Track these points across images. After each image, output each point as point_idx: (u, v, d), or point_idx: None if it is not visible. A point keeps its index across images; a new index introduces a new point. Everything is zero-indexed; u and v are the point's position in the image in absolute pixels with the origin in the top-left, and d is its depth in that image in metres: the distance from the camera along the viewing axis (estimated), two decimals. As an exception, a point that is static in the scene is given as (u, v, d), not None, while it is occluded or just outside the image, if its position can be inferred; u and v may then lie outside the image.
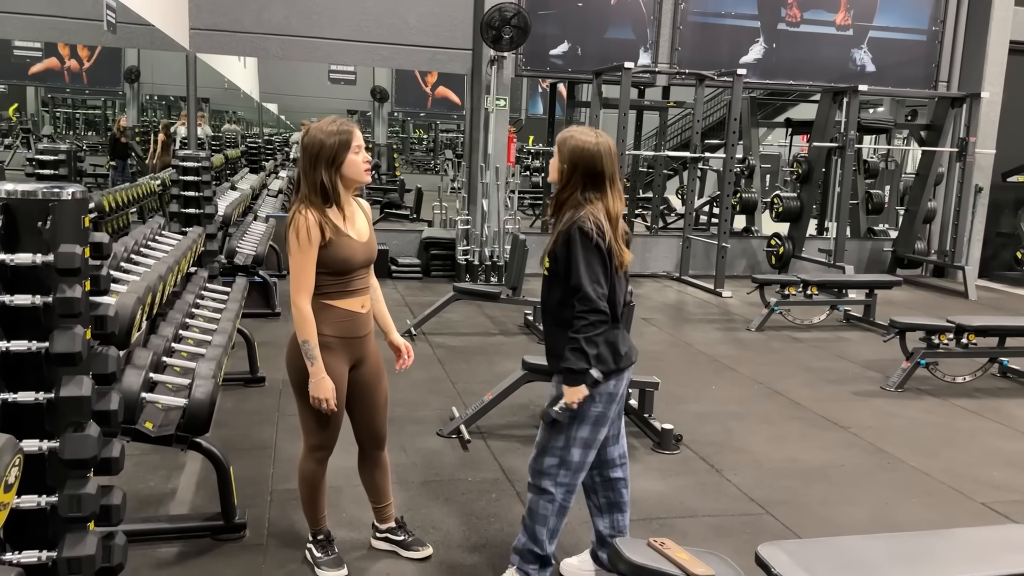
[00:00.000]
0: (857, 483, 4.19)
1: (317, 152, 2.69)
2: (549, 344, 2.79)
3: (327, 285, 2.76)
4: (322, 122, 2.74)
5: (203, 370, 3.27)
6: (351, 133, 2.73)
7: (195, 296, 4.55)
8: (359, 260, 2.80)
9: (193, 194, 5.64)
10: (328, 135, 2.69)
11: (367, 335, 2.91)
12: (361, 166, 2.77)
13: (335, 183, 2.72)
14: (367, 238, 2.86)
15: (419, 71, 16.62)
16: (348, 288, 2.80)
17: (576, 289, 2.62)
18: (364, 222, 2.89)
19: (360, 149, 2.75)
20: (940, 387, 5.86)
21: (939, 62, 10.73)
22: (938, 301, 9.40)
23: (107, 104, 15.68)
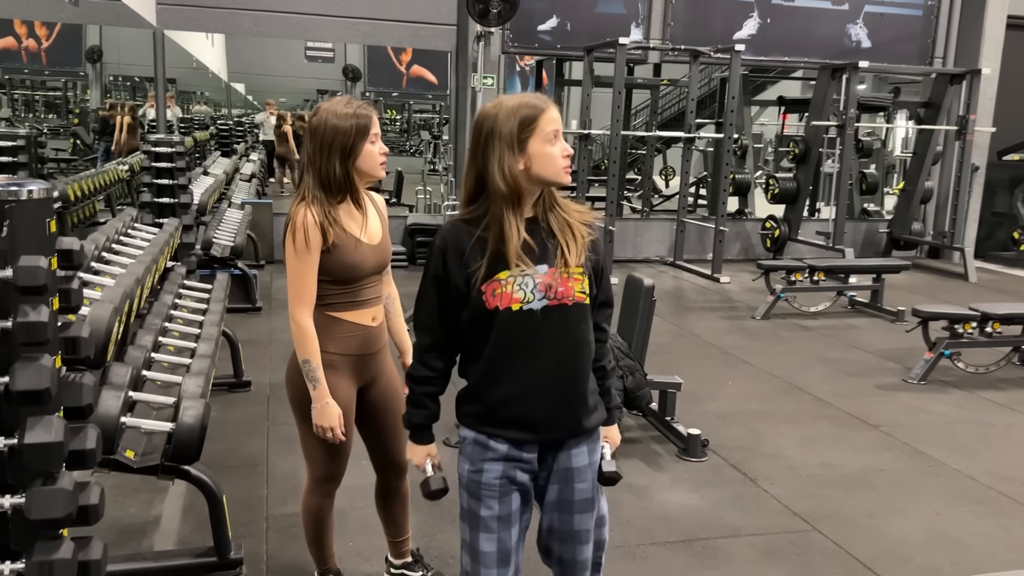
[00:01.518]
0: (902, 490, 3.88)
1: (331, 140, 2.28)
2: (579, 389, 1.99)
3: (331, 295, 2.37)
4: (335, 103, 2.32)
5: (190, 388, 2.86)
6: (369, 119, 2.32)
7: (173, 296, 4.12)
8: (369, 266, 2.40)
9: (167, 182, 5.17)
10: (343, 119, 2.28)
11: (379, 351, 2.52)
12: (378, 158, 2.36)
13: (350, 177, 2.32)
14: (379, 240, 2.45)
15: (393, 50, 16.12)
16: (357, 299, 2.41)
17: (609, 302, 2.09)
18: (377, 222, 2.48)
19: (377, 138, 2.35)
20: (963, 378, 5.59)
21: (935, 38, 10.46)
22: (939, 284, 9.16)
23: (67, 85, 14.98)
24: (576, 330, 1.94)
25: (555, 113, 1.90)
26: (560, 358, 1.94)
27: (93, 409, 2.07)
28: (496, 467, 1.95)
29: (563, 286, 1.90)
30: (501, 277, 1.88)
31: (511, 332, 1.89)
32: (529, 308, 1.88)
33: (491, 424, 1.95)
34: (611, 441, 2.10)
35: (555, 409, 1.96)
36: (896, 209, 10.64)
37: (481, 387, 1.95)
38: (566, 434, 1.99)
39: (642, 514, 3.50)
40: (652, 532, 3.36)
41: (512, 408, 1.93)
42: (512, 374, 1.92)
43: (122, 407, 2.63)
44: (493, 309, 1.88)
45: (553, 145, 1.88)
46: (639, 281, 4.25)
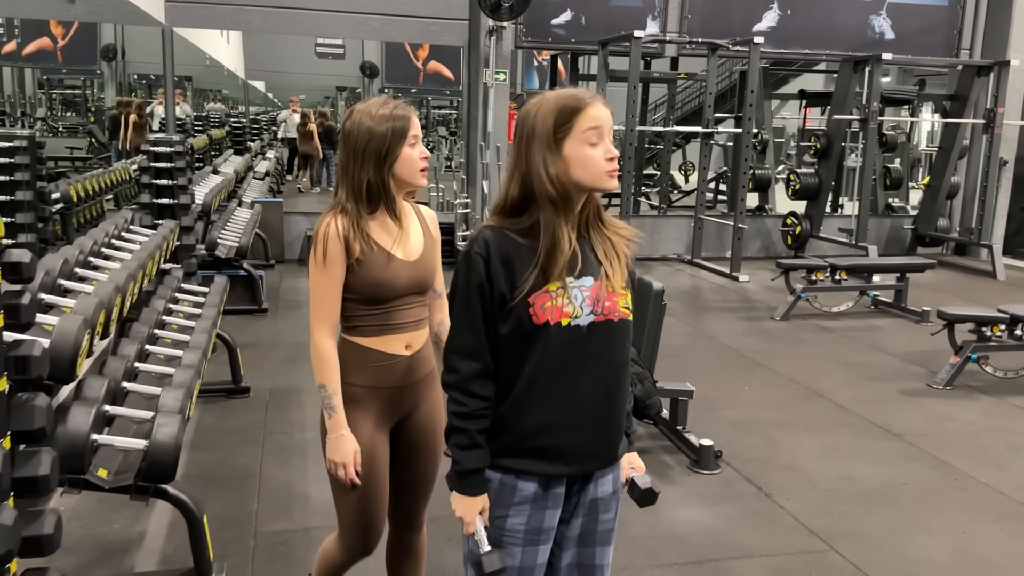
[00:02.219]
0: (926, 506, 3.67)
1: (364, 144, 2.04)
2: (617, 415, 1.81)
3: (358, 317, 2.10)
4: (370, 104, 2.09)
5: (168, 402, 2.71)
6: (408, 120, 2.07)
7: (167, 301, 3.99)
8: (402, 285, 2.10)
9: (166, 182, 5.05)
10: (379, 121, 2.05)
11: (418, 382, 2.18)
12: (417, 164, 2.10)
13: (387, 185, 2.07)
14: (418, 256, 2.14)
15: (410, 45, 15.99)
16: (387, 322, 2.11)
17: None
18: (420, 236, 2.18)
19: (417, 141, 2.09)
20: (991, 383, 5.35)
21: (961, 28, 10.14)
22: (965, 282, 8.88)
23: (85, 84, 14.98)
24: (621, 349, 1.77)
25: (598, 110, 1.68)
26: (603, 380, 1.75)
27: (47, 432, 1.93)
28: (523, 511, 1.76)
29: (609, 300, 1.72)
30: (551, 288, 1.69)
31: (558, 350, 1.70)
32: (576, 323, 1.70)
33: (519, 455, 1.75)
34: (636, 467, 1.91)
35: (592, 438, 1.77)
36: (921, 205, 10.35)
37: (514, 413, 1.73)
38: (599, 465, 1.80)
39: (650, 532, 3.32)
40: (659, 553, 3.18)
41: (546, 437, 1.74)
42: (551, 397, 1.72)
43: (93, 424, 2.49)
44: (542, 324, 1.68)
45: (595, 147, 1.66)
46: (648, 285, 4.07)
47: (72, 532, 3.19)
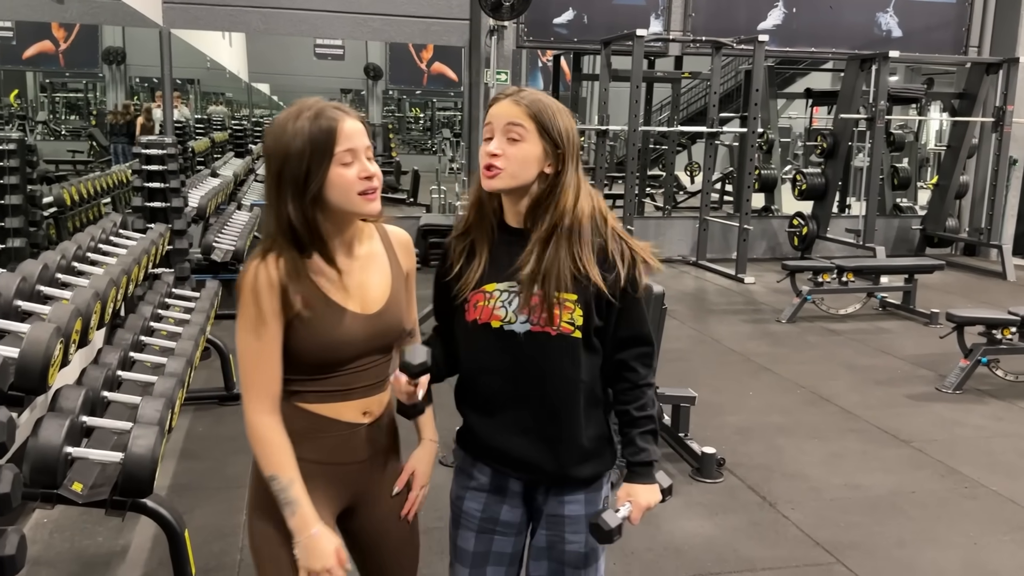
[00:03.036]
0: (935, 516, 3.56)
1: (279, 168, 1.55)
2: (564, 433, 1.71)
3: (300, 382, 1.64)
4: (289, 111, 1.58)
5: (147, 413, 2.62)
6: (333, 128, 1.54)
7: (155, 307, 3.90)
8: (357, 346, 1.64)
9: (159, 185, 4.97)
10: (294, 136, 1.53)
11: (369, 459, 1.73)
12: (354, 186, 1.57)
13: (312, 221, 1.57)
14: (382, 306, 1.68)
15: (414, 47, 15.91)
16: (338, 388, 1.66)
17: (640, 339, 1.74)
18: (383, 278, 1.71)
19: (356, 156, 1.57)
20: (1001, 387, 5.23)
21: (969, 26, 10.01)
22: (975, 283, 8.74)
23: (88, 87, 14.94)
24: (558, 365, 1.68)
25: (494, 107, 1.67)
26: (543, 392, 1.70)
27: (8, 447, 1.84)
28: (478, 498, 1.78)
29: (547, 312, 1.64)
30: (487, 289, 1.69)
31: (495, 352, 1.70)
32: (511, 329, 1.67)
33: (474, 448, 1.78)
34: (633, 501, 1.69)
35: (534, 448, 1.72)
36: (930, 205, 10.21)
37: (467, 407, 1.78)
38: (548, 478, 1.74)
39: (649, 544, 3.21)
40: (658, 567, 3.08)
41: (488, 437, 1.75)
42: (492, 399, 1.73)
43: (67, 436, 2.39)
44: (470, 322, 1.70)
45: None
46: (648, 288, 3.95)
47: (53, 545, 3.10)
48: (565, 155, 1.67)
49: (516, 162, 1.62)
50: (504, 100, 1.65)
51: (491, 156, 1.62)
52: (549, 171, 1.66)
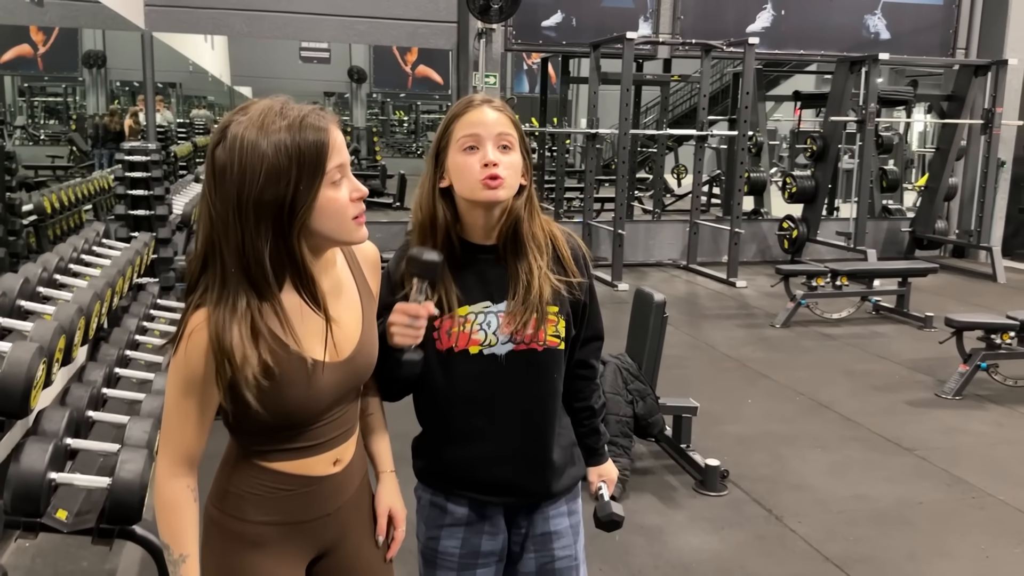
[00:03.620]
0: (943, 527, 3.49)
1: (255, 190, 1.24)
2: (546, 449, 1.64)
3: (260, 442, 1.40)
4: (255, 112, 1.27)
5: (134, 434, 2.50)
6: (325, 136, 1.28)
7: (140, 319, 3.77)
8: (328, 399, 1.41)
9: (142, 192, 4.83)
10: (272, 148, 1.24)
11: (341, 508, 1.50)
12: (349, 210, 1.32)
13: (297, 257, 1.31)
14: (355, 346, 1.43)
15: (398, 49, 15.80)
16: (306, 443, 1.42)
17: (597, 335, 1.73)
18: (355, 307, 1.45)
19: (345, 171, 1.32)
20: (1001, 392, 5.17)
21: (957, 28, 10.00)
22: (966, 285, 8.72)
23: (67, 91, 14.71)
24: (546, 380, 1.62)
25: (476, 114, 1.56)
26: (526, 413, 1.62)
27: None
28: (455, 534, 1.65)
29: (531, 328, 1.56)
30: (460, 313, 1.57)
31: (470, 380, 1.58)
32: (492, 352, 1.57)
33: (448, 484, 1.65)
34: (607, 479, 1.79)
35: (519, 472, 1.64)
36: (919, 207, 10.19)
37: (436, 442, 1.66)
38: (534, 499, 1.67)
39: (655, 562, 3.12)
40: (666, 585, 2.99)
41: (467, 469, 1.63)
42: (470, 431, 1.61)
43: (51, 461, 2.27)
44: (445, 351, 1.57)
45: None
46: (649, 296, 3.87)
47: (36, 571, 2.97)
48: (530, 165, 1.61)
49: (513, 171, 1.53)
50: (484, 107, 1.54)
51: (492, 165, 1.50)
52: (524, 181, 1.58)
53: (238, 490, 1.41)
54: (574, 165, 13.33)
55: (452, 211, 1.56)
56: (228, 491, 1.42)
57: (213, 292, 1.28)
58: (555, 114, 11.09)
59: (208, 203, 1.28)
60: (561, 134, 10.29)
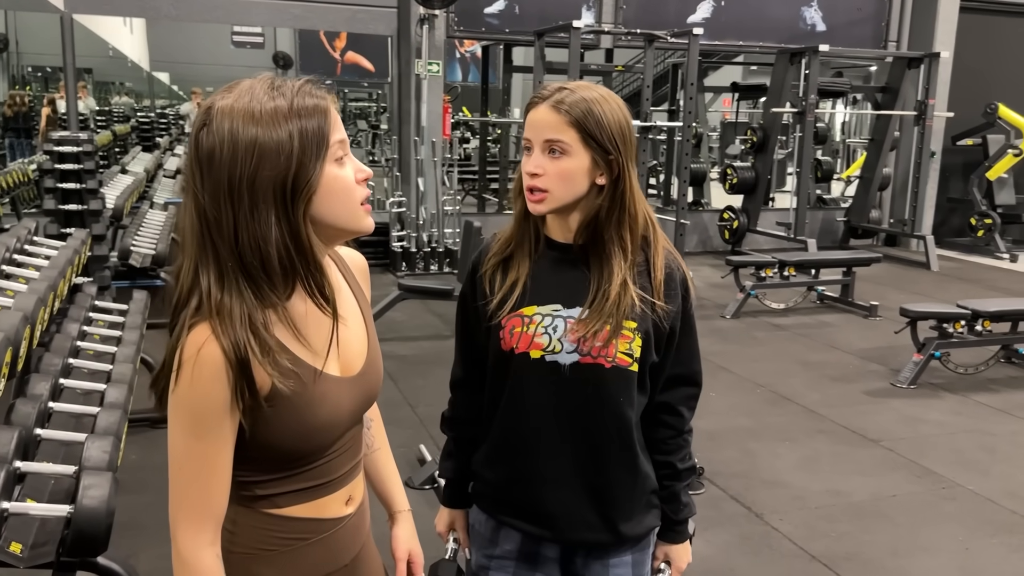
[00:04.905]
0: (920, 520, 3.48)
1: (249, 173, 1.07)
2: (611, 481, 1.49)
3: (269, 483, 1.21)
4: (245, 90, 1.11)
5: (94, 455, 2.26)
6: (326, 111, 1.12)
7: (80, 324, 3.48)
8: (344, 421, 1.24)
9: (74, 186, 4.50)
10: (272, 122, 1.08)
11: (357, 558, 1.33)
12: (356, 193, 1.16)
13: (305, 243, 1.11)
14: (364, 361, 1.27)
15: (326, 35, 15.38)
16: (318, 481, 1.23)
17: (690, 379, 1.55)
18: (357, 320, 1.28)
19: (346, 148, 1.16)
20: (952, 380, 5.26)
21: (888, 20, 10.20)
22: (902, 273, 8.91)
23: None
24: (611, 403, 1.45)
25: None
26: (586, 433, 1.45)
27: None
28: (507, 567, 1.52)
29: (601, 340, 1.40)
30: (526, 313, 1.43)
31: (527, 386, 1.45)
32: (554, 360, 1.42)
33: (500, 505, 1.51)
34: (674, 565, 1.59)
35: (577, 502, 1.47)
36: (855, 197, 10.39)
37: (490, 456, 1.54)
38: (595, 538, 1.49)
39: (644, 568, 3.02)
40: (659, 593, 2.88)
41: (520, 491, 1.48)
42: (523, 445, 1.47)
43: (2, 489, 2.03)
44: (508, 351, 1.45)
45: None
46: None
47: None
48: (620, 161, 1.41)
49: (561, 181, 1.38)
50: (541, 105, 1.39)
51: (531, 176, 1.37)
52: (602, 181, 1.41)
53: (244, 548, 1.20)
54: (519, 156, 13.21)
55: None
56: (231, 552, 1.19)
57: (211, 299, 1.09)
58: (494, 103, 10.92)
59: (194, 194, 1.09)
60: (504, 124, 10.13)
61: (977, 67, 10.18)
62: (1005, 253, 9.63)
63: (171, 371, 1.09)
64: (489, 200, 10.42)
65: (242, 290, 1.10)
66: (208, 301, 1.09)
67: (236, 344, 1.08)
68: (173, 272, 1.21)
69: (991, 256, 9.74)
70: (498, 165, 10.40)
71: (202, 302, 1.10)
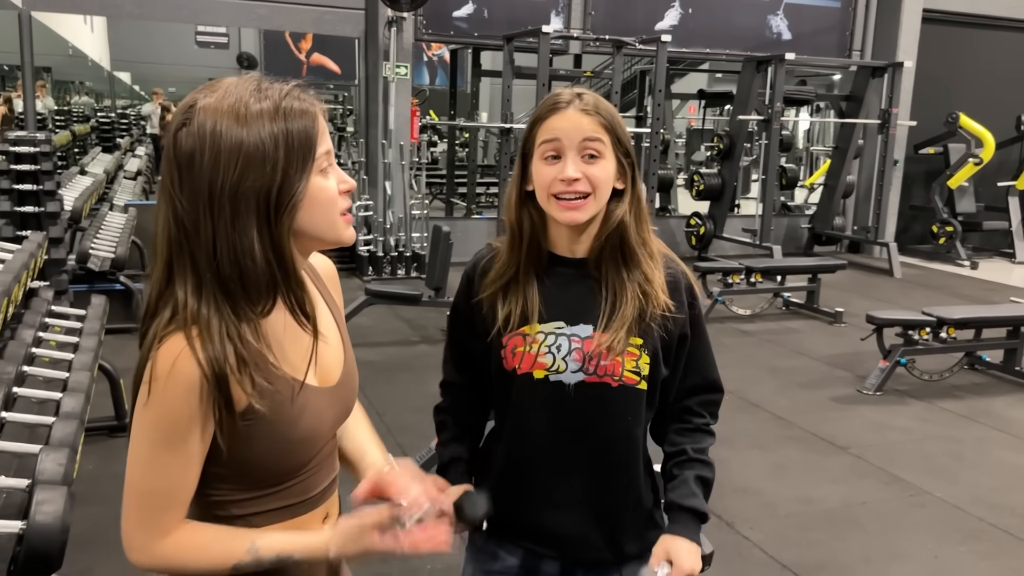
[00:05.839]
0: (891, 527, 3.49)
1: (232, 180, 1.02)
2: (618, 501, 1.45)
3: (245, 502, 1.15)
4: (230, 90, 1.05)
5: (48, 468, 2.17)
6: (314, 119, 1.07)
7: (35, 330, 3.36)
8: (325, 434, 1.21)
9: (30, 187, 4.37)
10: (256, 126, 1.03)
11: None
12: (338, 203, 1.11)
13: (286, 256, 1.06)
14: (342, 371, 1.22)
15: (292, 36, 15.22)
16: (302, 498, 1.19)
17: (710, 386, 1.53)
18: (332, 329, 1.23)
19: (331, 158, 1.11)
20: (917, 387, 5.30)
21: (852, 30, 10.33)
22: (866, 280, 9.00)
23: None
24: (619, 422, 1.41)
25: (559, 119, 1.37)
26: (593, 454, 1.41)
27: None
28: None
29: (607, 359, 1.36)
30: (528, 332, 1.38)
31: (531, 408, 1.40)
32: (559, 380, 1.37)
33: (502, 529, 1.46)
34: (674, 563, 1.38)
35: (583, 525, 1.43)
36: (819, 204, 10.49)
37: (495, 481, 1.47)
38: (598, 557, 1.45)
39: (616, 579, 2.98)
40: (632, 604, 2.85)
41: (526, 513, 1.44)
42: (528, 466, 1.43)
43: (-50, 505, 1.93)
44: (510, 371, 1.40)
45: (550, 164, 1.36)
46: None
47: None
48: (634, 164, 1.40)
49: (600, 185, 1.34)
50: (569, 109, 1.34)
51: (572, 182, 1.31)
52: (620, 186, 1.38)
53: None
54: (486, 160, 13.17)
55: (540, 216, 1.39)
56: None
57: (187, 309, 1.04)
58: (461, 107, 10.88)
59: (171, 198, 1.04)
60: (472, 128, 10.09)
61: (939, 77, 10.34)
62: (966, 260, 9.79)
63: (148, 381, 1.04)
64: (457, 204, 10.36)
65: (220, 302, 1.05)
66: (184, 312, 1.04)
67: (213, 358, 1.03)
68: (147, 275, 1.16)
69: (952, 263, 9.89)
70: (466, 169, 10.35)
71: (176, 312, 1.05)
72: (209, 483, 1.13)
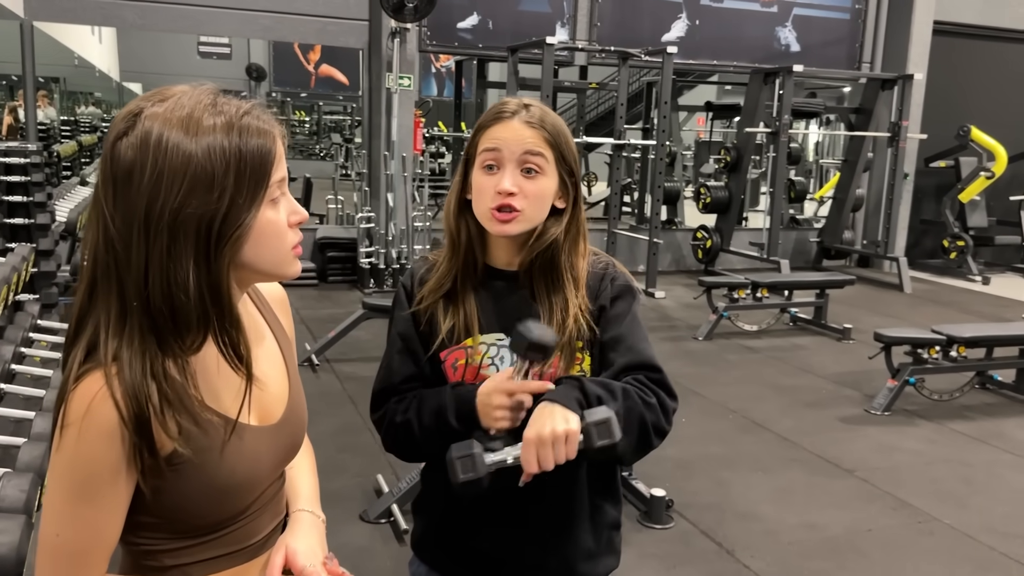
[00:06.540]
0: (897, 556, 3.36)
1: (174, 203, 0.92)
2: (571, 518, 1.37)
3: (178, 551, 1.05)
4: (179, 101, 0.95)
5: (9, 494, 2.08)
6: (271, 141, 0.98)
7: (17, 345, 3.28)
8: (264, 475, 1.10)
9: (20, 199, 4.30)
10: (209, 146, 0.93)
11: None
12: (288, 238, 1.02)
13: (222, 294, 0.96)
14: (285, 407, 1.12)
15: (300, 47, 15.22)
16: (240, 546, 1.09)
17: (640, 365, 1.30)
18: (276, 361, 1.14)
19: (284, 187, 1.02)
20: (927, 406, 5.16)
21: (862, 42, 10.22)
22: (875, 295, 8.86)
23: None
24: None
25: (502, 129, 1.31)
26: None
27: None
28: None
29: (553, 367, 1.30)
30: (468, 344, 1.33)
31: None
32: None
33: (446, 559, 1.38)
34: (534, 415, 1.18)
35: (534, 548, 1.36)
36: (828, 218, 10.36)
37: (434, 501, 1.39)
38: None
39: (609, 611, 2.86)
40: (624, 638, 2.73)
41: (473, 539, 1.36)
42: None
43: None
44: (452, 386, 1.34)
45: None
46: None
47: None
48: (577, 184, 1.35)
49: (536, 201, 1.28)
50: (513, 120, 1.28)
51: (506, 195, 1.26)
52: (561, 205, 1.33)
53: None
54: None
55: (478, 226, 1.33)
56: None
57: (109, 342, 0.93)
58: (467, 118, 10.83)
59: (103, 215, 0.94)
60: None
61: (950, 89, 10.21)
62: (977, 275, 9.63)
63: (61, 426, 0.94)
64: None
65: (145, 334, 0.94)
66: (105, 346, 0.94)
67: (134, 400, 0.92)
68: (72, 292, 1.07)
69: (963, 278, 9.73)
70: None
71: (96, 344, 0.95)
72: (137, 531, 1.03)
